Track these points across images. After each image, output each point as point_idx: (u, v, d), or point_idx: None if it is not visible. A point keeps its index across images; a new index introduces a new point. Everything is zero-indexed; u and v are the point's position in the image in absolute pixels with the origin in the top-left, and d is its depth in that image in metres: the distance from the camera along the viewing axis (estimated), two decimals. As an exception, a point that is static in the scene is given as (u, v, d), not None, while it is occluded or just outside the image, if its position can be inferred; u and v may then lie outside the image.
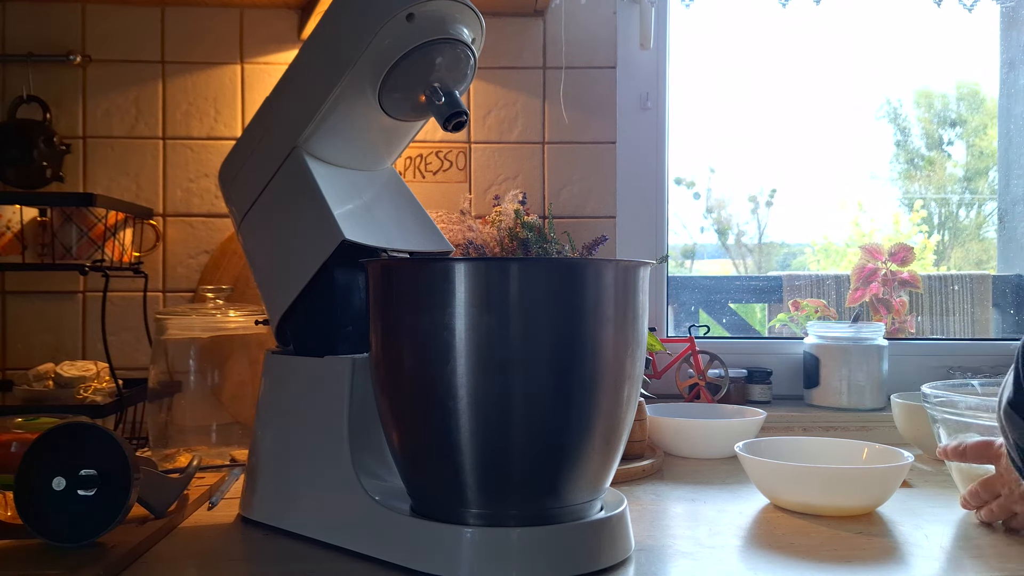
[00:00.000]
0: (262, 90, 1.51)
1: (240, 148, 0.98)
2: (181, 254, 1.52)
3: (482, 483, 0.75)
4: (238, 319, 1.23)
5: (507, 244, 1.42)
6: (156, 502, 0.87)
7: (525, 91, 1.56)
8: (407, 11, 0.84)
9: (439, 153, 1.55)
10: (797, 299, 1.77)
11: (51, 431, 0.79)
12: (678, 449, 1.26)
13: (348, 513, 0.82)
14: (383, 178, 1.01)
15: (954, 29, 1.74)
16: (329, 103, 0.88)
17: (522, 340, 0.73)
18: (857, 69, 1.82)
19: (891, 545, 0.85)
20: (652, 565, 0.79)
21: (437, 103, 0.86)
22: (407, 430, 0.78)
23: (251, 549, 0.84)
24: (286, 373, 0.93)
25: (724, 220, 1.95)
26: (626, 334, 0.77)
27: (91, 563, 0.74)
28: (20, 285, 1.50)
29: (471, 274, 0.73)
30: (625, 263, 0.77)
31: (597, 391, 0.75)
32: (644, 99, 1.58)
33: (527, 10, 1.53)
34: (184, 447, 1.20)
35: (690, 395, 1.49)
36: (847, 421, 1.43)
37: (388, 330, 0.78)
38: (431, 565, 0.75)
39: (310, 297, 0.90)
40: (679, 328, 1.70)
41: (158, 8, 1.51)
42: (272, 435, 0.92)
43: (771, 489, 0.98)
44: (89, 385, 1.27)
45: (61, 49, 1.50)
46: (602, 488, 0.81)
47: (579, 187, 1.56)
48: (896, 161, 1.93)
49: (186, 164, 1.52)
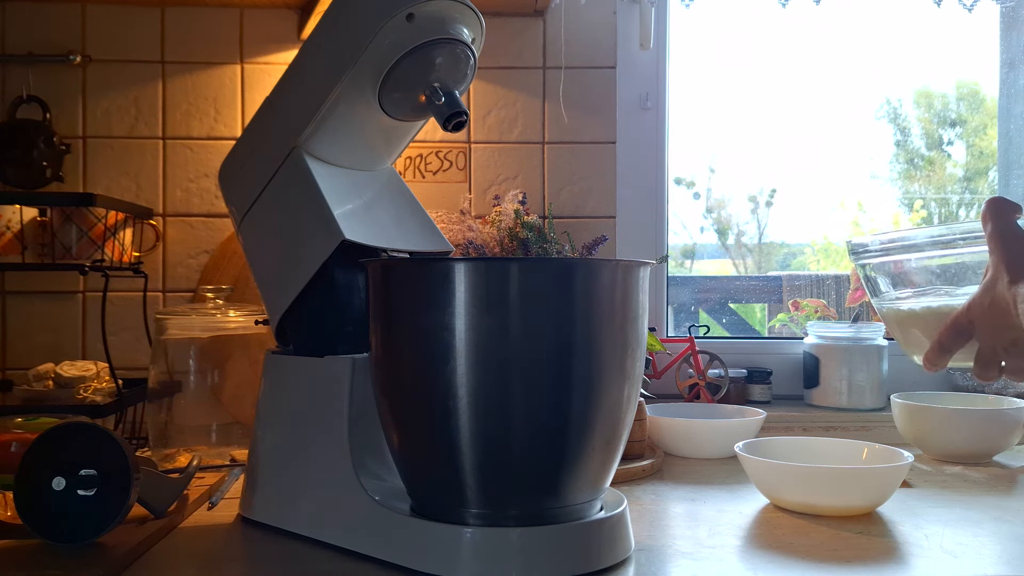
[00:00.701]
0: (262, 90, 1.51)
1: (240, 148, 0.98)
2: (181, 254, 1.52)
3: (482, 483, 0.75)
4: (238, 319, 1.23)
5: (507, 244, 1.42)
6: (156, 502, 0.87)
7: (525, 91, 1.56)
8: (407, 11, 0.84)
9: (439, 153, 1.55)
10: (797, 299, 1.77)
11: (51, 431, 0.79)
12: (678, 449, 1.26)
13: (348, 513, 0.82)
14: (383, 178, 1.01)
15: (954, 29, 1.74)
16: (329, 103, 0.88)
17: (522, 340, 0.73)
18: (857, 69, 1.82)
19: (891, 545, 0.85)
20: (652, 565, 0.79)
21: (437, 103, 0.86)
22: (407, 430, 0.78)
23: (251, 549, 0.84)
24: (286, 373, 0.93)
25: (724, 220, 1.95)
26: (626, 334, 0.77)
27: (91, 563, 0.74)
28: (20, 285, 1.50)
29: (471, 274, 0.73)
30: (625, 263, 0.77)
31: (597, 391, 0.75)
32: (644, 99, 1.58)
33: (527, 10, 1.53)
34: (184, 447, 1.20)
35: (690, 395, 1.49)
36: (847, 421, 1.43)
37: (388, 330, 0.78)
38: (431, 565, 0.75)
39: (310, 297, 0.90)
40: (679, 328, 1.70)
41: (158, 8, 1.51)
42: (272, 435, 0.92)
43: (771, 489, 0.98)
44: (89, 385, 1.27)
45: (61, 49, 1.50)
46: (602, 488, 0.81)
47: (579, 187, 1.56)
48: (896, 161, 1.93)
49: (186, 164, 1.52)
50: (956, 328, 0.81)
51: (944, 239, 0.87)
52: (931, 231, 0.88)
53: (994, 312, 0.77)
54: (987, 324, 0.78)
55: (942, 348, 0.83)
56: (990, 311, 0.78)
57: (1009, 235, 0.77)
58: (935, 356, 0.84)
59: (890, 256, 0.93)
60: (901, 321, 0.91)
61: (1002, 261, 0.77)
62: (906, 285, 0.92)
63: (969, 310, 0.80)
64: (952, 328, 0.81)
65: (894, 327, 0.93)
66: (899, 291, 0.93)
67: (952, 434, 1.23)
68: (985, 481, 1.12)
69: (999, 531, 0.90)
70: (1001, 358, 0.79)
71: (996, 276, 0.77)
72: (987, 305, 0.78)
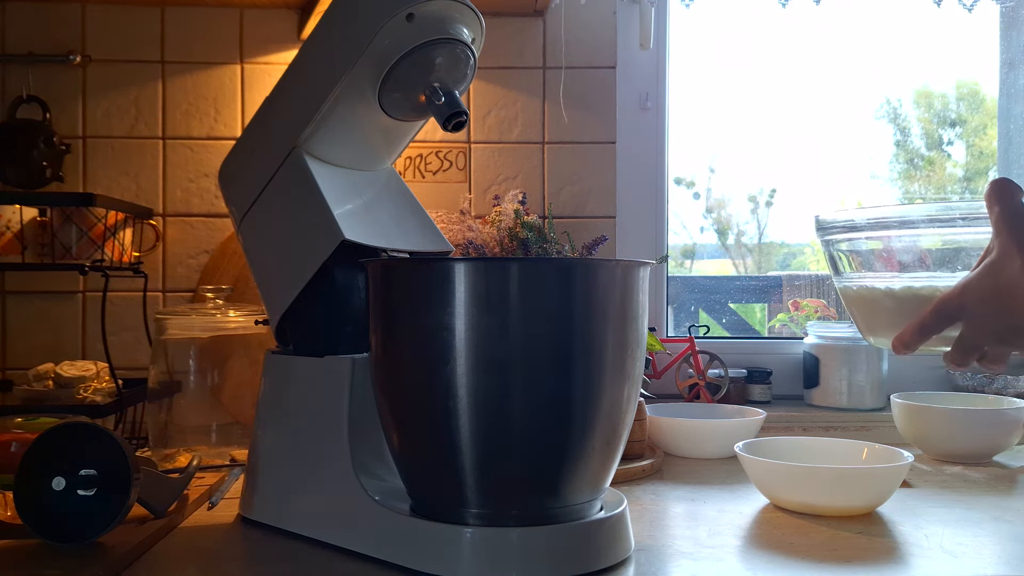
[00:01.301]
0: (262, 90, 1.51)
1: (240, 148, 0.98)
2: (181, 254, 1.52)
3: (482, 483, 0.75)
4: (238, 319, 1.23)
5: (507, 244, 1.42)
6: (156, 502, 0.87)
7: (525, 91, 1.56)
8: (407, 11, 0.84)
9: (439, 153, 1.55)
10: (797, 299, 1.77)
11: (51, 431, 0.79)
12: (678, 449, 1.26)
13: (348, 513, 0.82)
14: (383, 178, 1.01)
15: (954, 29, 1.74)
16: (329, 103, 0.88)
17: (522, 340, 0.73)
18: (857, 69, 1.82)
19: (891, 545, 0.85)
20: (652, 565, 0.79)
21: (437, 103, 0.86)
22: (407, 430, 0.78)
23: (251, 549, 0.84)
24: (286, 373, 0.93)
25: (724, 220, 1.95)
26: (626, 334, 0.77)
27: (91, 563, 0.74)
28: (20, 285, 1.50)
29: (471, 274, 0.73)
30: (625, 263, 0.77)
31: (597, 391, 0.75)
32: (644, 99, 1.58)
33: (527, 10, 1.53)
34: (184, 447, 1.20)
35: (690, 395, 1.49)
36: (847, 421, 1.43)
37: (388, 330, 0.78)
38: (431, 565, 0.75)
39: (310, 297, 0.90)
40: (679, 328, 1.70)
41: (158, 8, 1.51)
42: (272, 435, 0.92)
43: (771, 489, 0.98)
44: (89, 385, 1.27)
45: (61, 49, 1.50)
46: (602, 488, 0.81)
47: (579, 187, 1.56)
48: (896, 161, 1.93)
49: (186, 164, 1.52)
50: (943, 311, 0.78)
51: (942, 218, 0.83)
52: (928, 208, 0.85)
53: (998, 296, 0.74)
54: (985, 309, 0.75)
55: (923, 330, 0.79)
56: (992, 295, 0.74)
57: (1019, 217, 0.74)
58: (912, 338, 0.80)
59: (878, 232, 0.88)
60: (872, 301, 0.88)
61: (1013, 243, 0.73)
62: (883, 266, 0.88)
63: (962, 293, 0.76)
64: (938, 311, 0.78)
65: (861, 307, 0.90)
66: (871, 272, 0.90)
67: (952, 434, 1.23)
68: (985, 481, 1.12)
69: (999, 531, 0.90)
70: (985, 345, 0.77)
71: (1002, 259, 0.74)
72: (988, 289, 0.75)
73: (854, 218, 0.91)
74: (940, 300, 0.78)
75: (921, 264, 0.87)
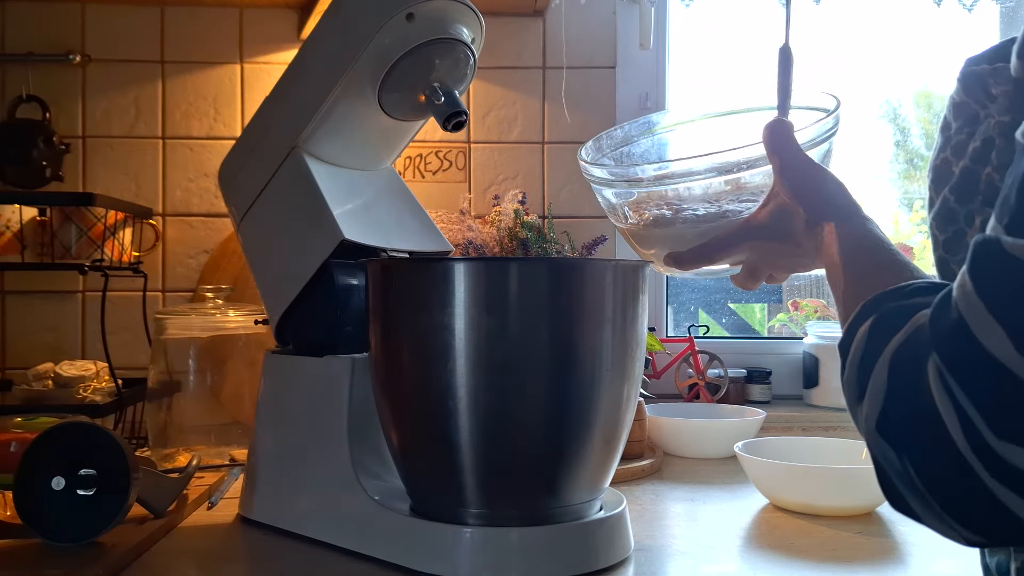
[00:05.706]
0: (262, 90, 1.51)
1: (240, 148, 0.98)
2: (181, 254, 1.52)
3: (482, 483, 0.75)
4: (238, 319, 1.23)
5: (507, 244, 1.42)
6: (156, 502, 0.87)
7: (525, 91, 1.56)
8: (407, 11, 0.84)
9: (439, 153, 1.55)
10: (797, 299, 1.77)
11: (51, 431, 0.79)
12: (677, 449, 1.26)
13: (348, 513, 0.82)
14: (383, 178, 1.01)
15: (954, 29, 1.74)
16: (329, 103, 0.88)
17: (522, 340, 0.73)
18: (857, 69, 1.82)
19: (891, 545, 0.85)
20: (651, 565, 0.79)
21: (437, 103, 0.86)
22: (407, 430, 0.78)
23: (251, 549, 0.84)
24: (286, 373, 0.93)
25: (724, 220, 1.95)
26: (626, 334, 0.77)
27: (91, 563, 0.74)
28: (20, 285, 1.50)
29: (471, 274, 0.73)
30: (625, 263, 0.77)
31: (596, 391, 0.75)
32: (644, 99, 1.58)
33: (527, 10, 1.53)
34: (184, 447, 1.20)
35: (689, 395, 1.49)
36: (847, 421, 1.42)
37: (388, 330, 0.78)
38: (431, 565, 0.75)
39: (310, 297, 0.90)
40: (679, 328, 1.70)
41: (158, 8, 1.51)
42: (272, 435, 0.92)
43: (771, 489, 0.98)
44: (88, 385, 1.27)
45: (61, 49, 1.50)
46: (602, 488, 0.81)
47: (579, 187, 1.56)
48: (896, 161, 1.93)
49: (186, 164, 1.52)
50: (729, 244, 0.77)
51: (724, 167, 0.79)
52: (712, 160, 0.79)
53: (783, 243, 0.75)
54: (770, 250, 0.76)
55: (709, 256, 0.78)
56: (778, 243, 0.75)
57: (799, 168, 0.72)
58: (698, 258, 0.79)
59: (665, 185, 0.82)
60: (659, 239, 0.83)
61: (797, 201, 0.72)
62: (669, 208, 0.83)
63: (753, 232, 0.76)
64: (725, 242, 0.77)
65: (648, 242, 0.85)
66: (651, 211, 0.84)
67: (952, 434, 1.22)
68: (985, 481, 1.12)
69: (999, 531, 0.90)
70: (771, 271, 0.78)
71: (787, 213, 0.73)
72: (780, 233, 0.74)
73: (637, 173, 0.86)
74: (728, 234, 0.77)
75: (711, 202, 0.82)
